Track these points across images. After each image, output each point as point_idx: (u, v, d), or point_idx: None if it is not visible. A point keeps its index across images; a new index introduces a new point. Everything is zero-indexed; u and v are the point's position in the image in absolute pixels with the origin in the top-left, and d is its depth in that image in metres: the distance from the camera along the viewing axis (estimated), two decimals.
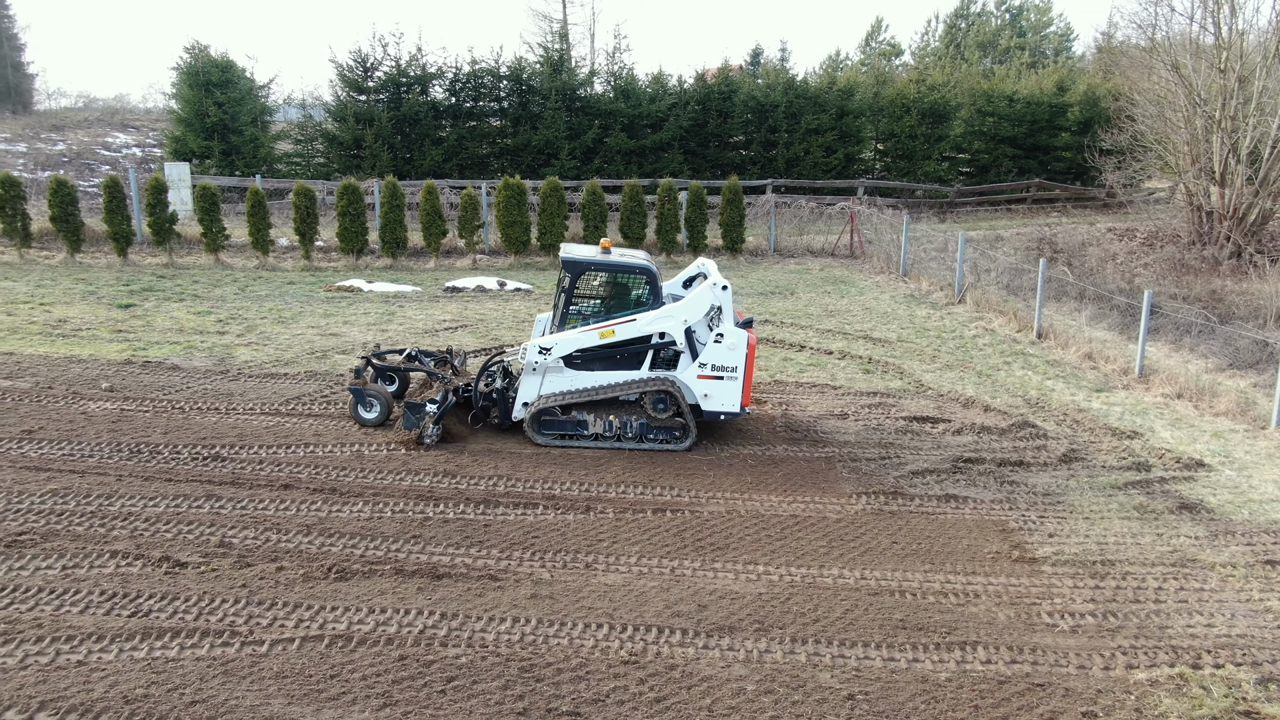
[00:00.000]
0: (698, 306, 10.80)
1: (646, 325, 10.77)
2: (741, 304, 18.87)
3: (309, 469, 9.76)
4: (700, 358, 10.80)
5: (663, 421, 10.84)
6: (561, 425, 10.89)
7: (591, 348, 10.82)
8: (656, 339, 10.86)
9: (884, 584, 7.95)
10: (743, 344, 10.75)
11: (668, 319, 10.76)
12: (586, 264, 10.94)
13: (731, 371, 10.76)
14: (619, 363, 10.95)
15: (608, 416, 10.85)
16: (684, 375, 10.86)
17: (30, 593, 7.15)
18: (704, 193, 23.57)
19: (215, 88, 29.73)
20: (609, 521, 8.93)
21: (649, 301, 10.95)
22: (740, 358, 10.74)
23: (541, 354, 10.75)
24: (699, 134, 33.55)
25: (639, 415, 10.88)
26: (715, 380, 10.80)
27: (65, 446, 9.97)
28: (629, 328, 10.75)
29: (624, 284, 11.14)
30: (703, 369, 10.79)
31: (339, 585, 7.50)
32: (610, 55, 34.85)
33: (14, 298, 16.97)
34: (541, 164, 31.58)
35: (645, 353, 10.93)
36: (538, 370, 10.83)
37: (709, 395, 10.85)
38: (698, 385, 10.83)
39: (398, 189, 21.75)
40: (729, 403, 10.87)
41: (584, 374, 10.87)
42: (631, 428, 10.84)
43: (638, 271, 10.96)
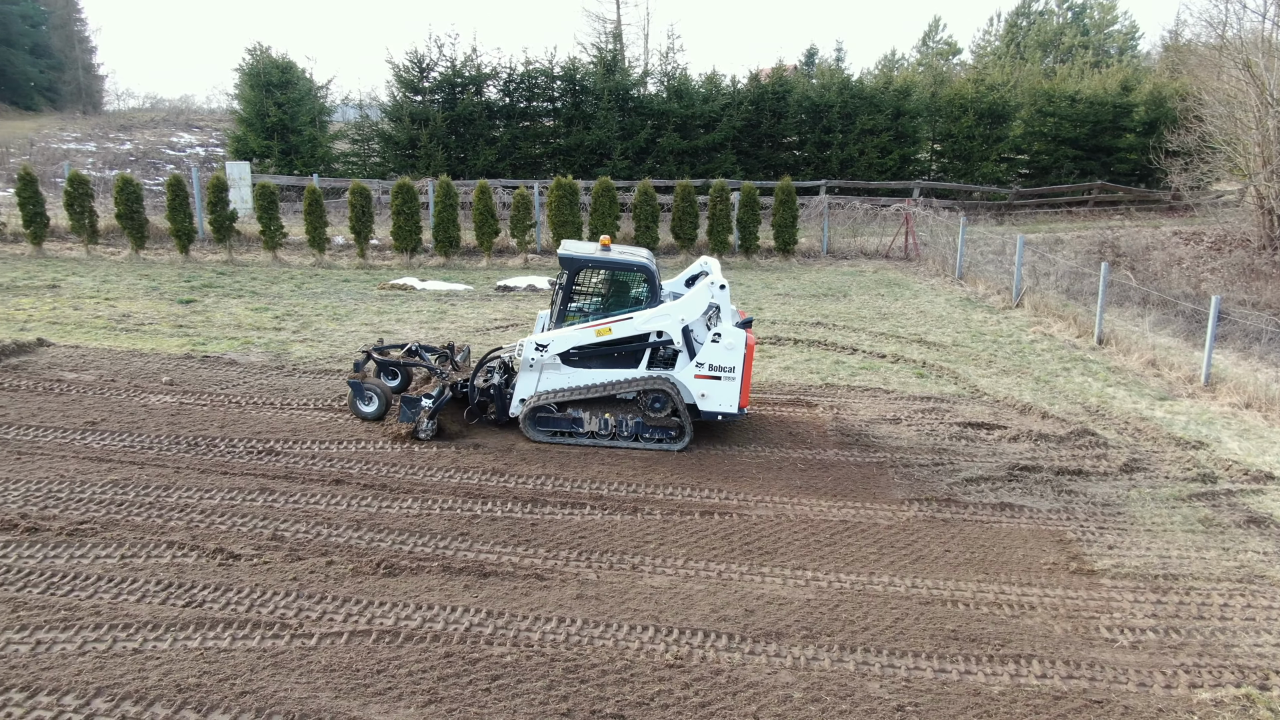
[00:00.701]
0: (695, 305, 10.70)
1: (643, 324, 10.70)
2: (793, 306, 18.71)
3: (360, 465, 9.86)
4: (698, 357, 10.71)
5: (659, 421, 10.74)
6: (557, 423, 10.85)
7: (588, 345, 10.78)
8: (654, 337, 10.79)
9: (936, 593, 7.79)
10: (741, 344, 10.63)
11: (665, 318, 10.68)
12: (584, 261, 10.89)
13: (729, 372, 10.65)
14: (616, 361, 10.89)
15: (603, 414, 10.79)
16: (681, 375, 10.76)
17: (90, 581, 7.31)
18: (756, 193, 23.41)
19: (276, 88, 30.30)
20: (656, 523, 8.88)
21: (647, 300, 10.88)
22: (738, 358, 10.63)
23: (538, 351, 10.73)
24: (752, 134, 33.36)
25: (635, 414, 10.81)
26: (713, 380, 10.69)
27: (126, 438, 10.20)
28: (626, 326, 10.69)
29: (623, 282, 11.09)
30: (700, 368, 10.69)
31: (387, 581, 7.56)
32: (664, 55, 34.84)
33: (81, 292, 17.44)
34: (594, 164, 31.66)
35: (642, 351, 10.86)
36: (534, 367, 10.79)
37: (706, 395, 10.74)
38: (695, 385, 10.72)
39: (451, 188, 21.94)
40: (726, 403, 10.75)
41: (581, 371, 10.81)
42: (627, 426, 10.78)
43: (635, 269, 10.88)
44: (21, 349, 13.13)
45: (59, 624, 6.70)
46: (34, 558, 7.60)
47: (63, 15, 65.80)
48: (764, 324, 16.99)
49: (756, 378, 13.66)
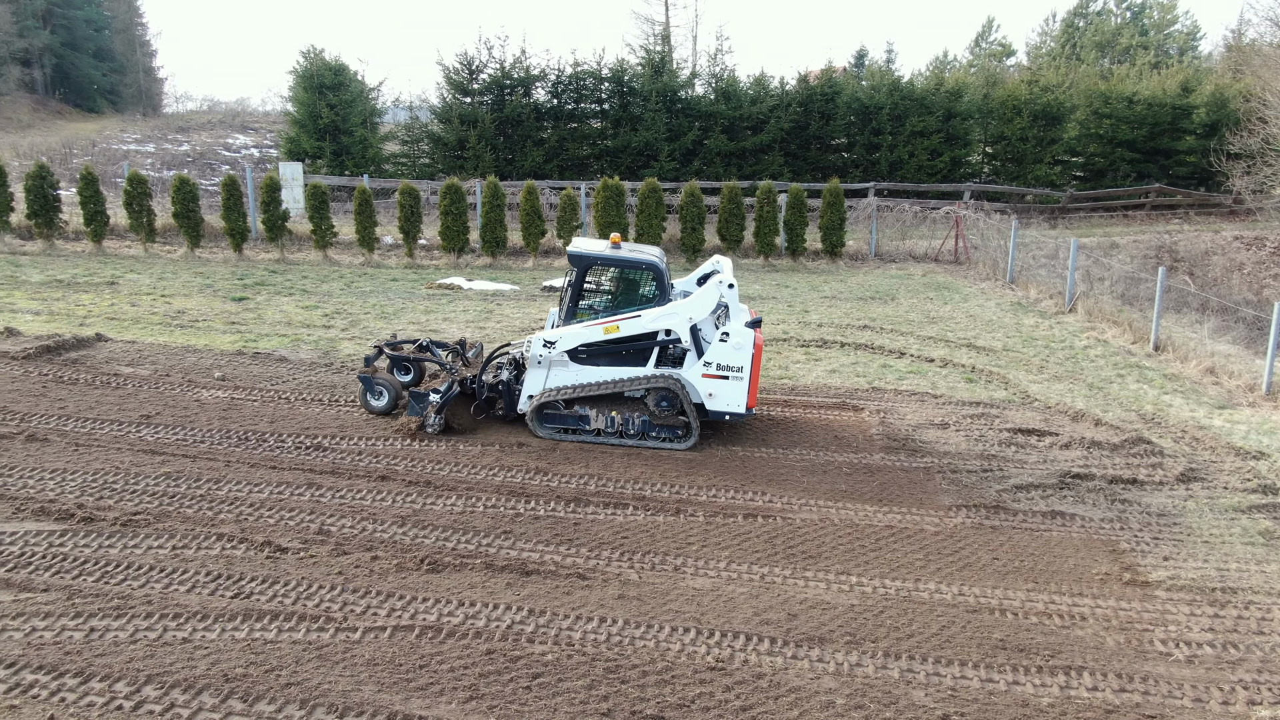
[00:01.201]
0: (704, 304, 10.62)
1: (651, 322, 10.64)
2: (840, 309, 18.54)
3: (405, 461, 9.95)
4: (705, 356, 10.64)
5: (665, 419, 10.73)
6: (564, 419, 10.87)
7: (596, 343, 10.75)
8: (662, 336, 10.73)
9: (983, 601, 7.65)
10: (749, 344, 10.56)
11: (672, 316, 10.61)
12: (592, 259, 10.86)
13: (737, 371, 10.58)
14: (624, 359, 10.86)
15: (610, 412, 10.77)
16: (689, 374, 10.69)
17: (142, 570, 7.46)
18: (804, 195, 23.26)
19: (328, 90, 30.77)
20: (699, 525, 8.84)
21: (655, 298, 10.85)
22: (746, 358, 10.56)
23: (546, 348, 10.73)
24: (800, 136, 33.15)
25: (642, 412, 10.78)
26: (720, 380, 10.62)
27: (179, 432, 10.40)
28: (633, 324, 10.65)
29: (633, 280, 11.09)
30: (708, 368, 10.63)
31: (430, 577, 7.61)
32: (712, 57, 34.77)
33: (138, 289, 17.84)
34: (641, 165, 31.69)
35: (651, 349, 10.80)
36: (543, 364, 10.79)
37: (714, 395, 10.67)
38: (703, 384, 10.66)
39: (499, 189, 22.09)
40: (734, 403, 10.67)
41: (589, 369, 10.79)
42: (634, 424, 10.76)
43: (644, 267, 10.85)
44: (81, 343, 13.46)
45: (112, 612, 6.84)
46: (89, 547, 7.77)
47: (125, 20, 67.51)
48: (810, 326, 16.86)
49: (801, 380, 13.55)
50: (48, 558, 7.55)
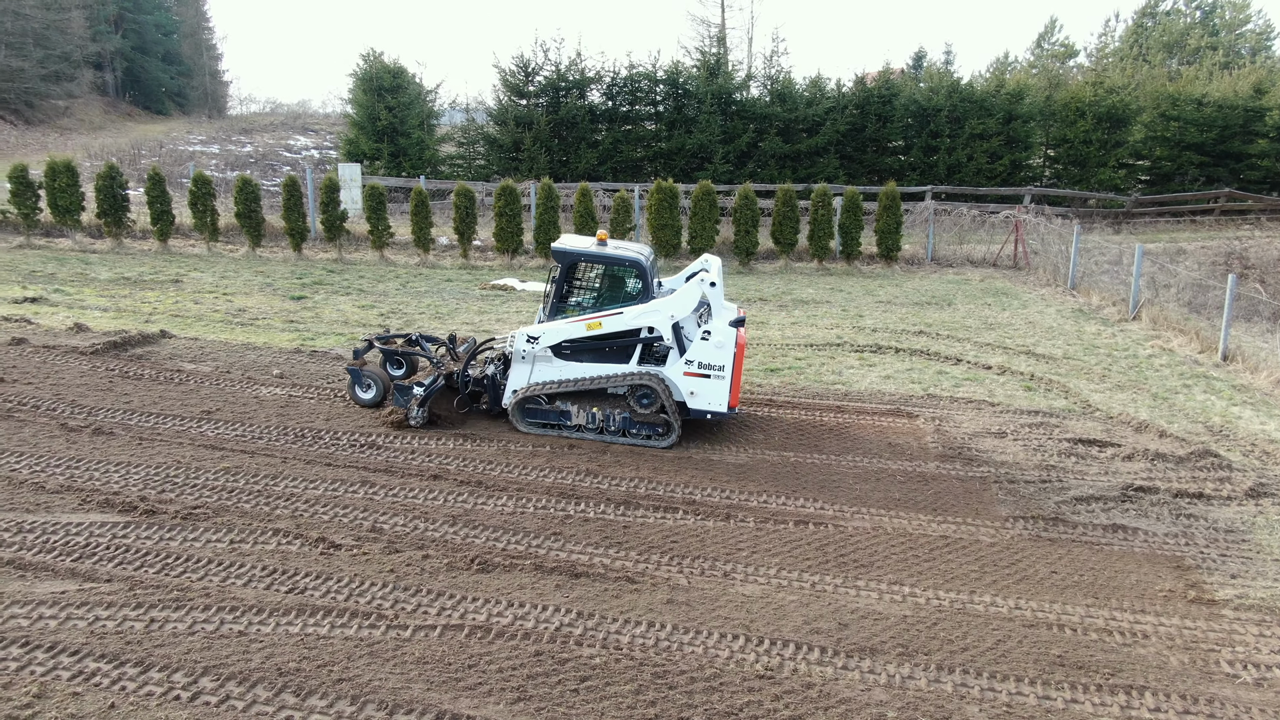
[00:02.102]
0: (686, 302, 10.60)
1: (633, 319, 10.65)
2: (895, 314, 18.29)
3: (457, 461, 10.02)
4: (687, 355, 10.64)
5: (646, 417, 10.74)
6: (545, 414, 10.94)
7: (579, 339, 10.79)
8: (645, 333, 10.72)
9: (1041, 616, 7.46)
10: (730, 343, 10.54)
11: (654, 313, 10.61)
12: (577, 255, 10.90)
13: (719, 370, 10.58)
14: (608, 355, 10.89)
15: (591, 408, 10.83)
16: (671, 371, 10.70)
17: (201, 563, 7.61)
18: (860, 198, 23.00)
19: (387, 92, 31.22)
20: (749, 531, 8.77)
21: (639, 295, 10.84)
22: (728, 356, 10.55)
23: (529, 343, 10.81)
24: (856, 138, 32.82)
25: (623, 409, 10.81)
26: (702, 378, 10.63)
27: (238, 428, 10.61)
28: (615, 320, 10.67)
29: (619, 277, 11.10)
30: (689, 366, 10.64)
31: (480, 577, 7.65)
32: (768, 59, 34.56)
33: (201, 287, 18.26)
34: (695, 167, 31.64)
35: (634, 346, 10.81)
36: (527, 359, 10.89)
37: (695, 393, 10.68)
38: (684, 383, 10.67)
39: (553, 191, 22.20)
40: (716, 402, 10.66)
41: (573, 365, 10.86)
42: (614, 421, 10.81)
43: (627, 264, 10.85)
44: (146, 340, 13.81)
45: (171, 603, 6.99)
46: (150, 539, 7.95)
47: (192, 24, 69.26)
48: (864, 331, 16.66)
49: (855, 386, 13.39)
50: (111, 549, 7.74)
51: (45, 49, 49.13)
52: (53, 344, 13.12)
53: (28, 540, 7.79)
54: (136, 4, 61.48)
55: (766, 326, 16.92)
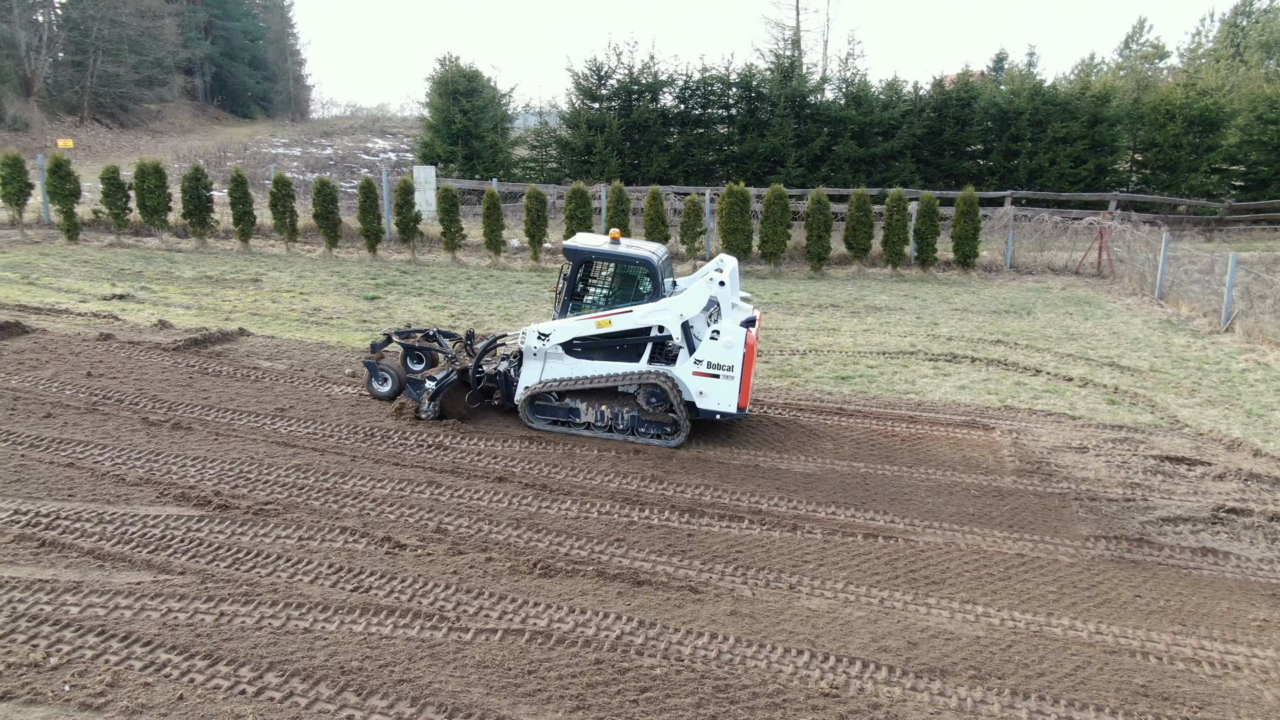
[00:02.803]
0: (695, 301, 10.56)
1: (642, 317, 10.64)
2: (971, 322, 17.82)
3: (523, 464, 10.03)
4: (696, 354, 10.59)
5: (655, 416, 10.76)
6: (555, 411, 11.02)
7: (589, 336, 10.81)
8: (656, 332, 10.70)
9: (1123, 642, 7.12)
10: (740, 342, 10.44)
11: (664, 312, 10.60)
12: (588, 253, 10.91)
13: (728, 370, 10.50)
14: (619, 353, 10.89)
15: (600, 406, 10.89)
16: (680, 371, 10.65)
17: (270, 559, 7.72)
18: (936, 203, 22.48)
19: (461, 96, 31.63)
20: (816, 542, 8.57)
21: (649, 294, 10.82)
22: (737, 356, 10.45)
23: (540, 339, 10.88)
24: (933, 142, 32.16)
25: (631, 407, 10.82)
26: (711, 378, 10.55)
27: (310, 425, 10.78)
28: (625, 319, 10.68)
29: (631, 275, 11.06)
30: (698, 365, 10.57)
31: (543, 581, 7.61)
32: (843, 61, 34.14)
33: (279, 286, 18.69)
34: (767, 171, 31.36)
35: (644, 345, 10.79)
36: (538, 355, 10.97)
37: (704, 393, 10.60)
38: (693, 382, 10.60)
39: (624, 194, 22.19)
40: (725, 402, 10.58)
41: (584, 362, 10.89)
42: (623, 419, 10.86)
43: (638, 263, 10.83)
44: (225, 337, 14.16)
45: (241, 598, 7.10)
46: (223, 533, 8.11)
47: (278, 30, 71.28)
48: (939, 340, 16.25)
49: (929, 396, 13.05)
50: (185, 542, 7.91)
51: (139, 55, 51.06)
52: (138, 340, 13.53)
53: (107, 531, 8.00)
54: (225, 11, 63.54)
55: (838, 333, 16.63)
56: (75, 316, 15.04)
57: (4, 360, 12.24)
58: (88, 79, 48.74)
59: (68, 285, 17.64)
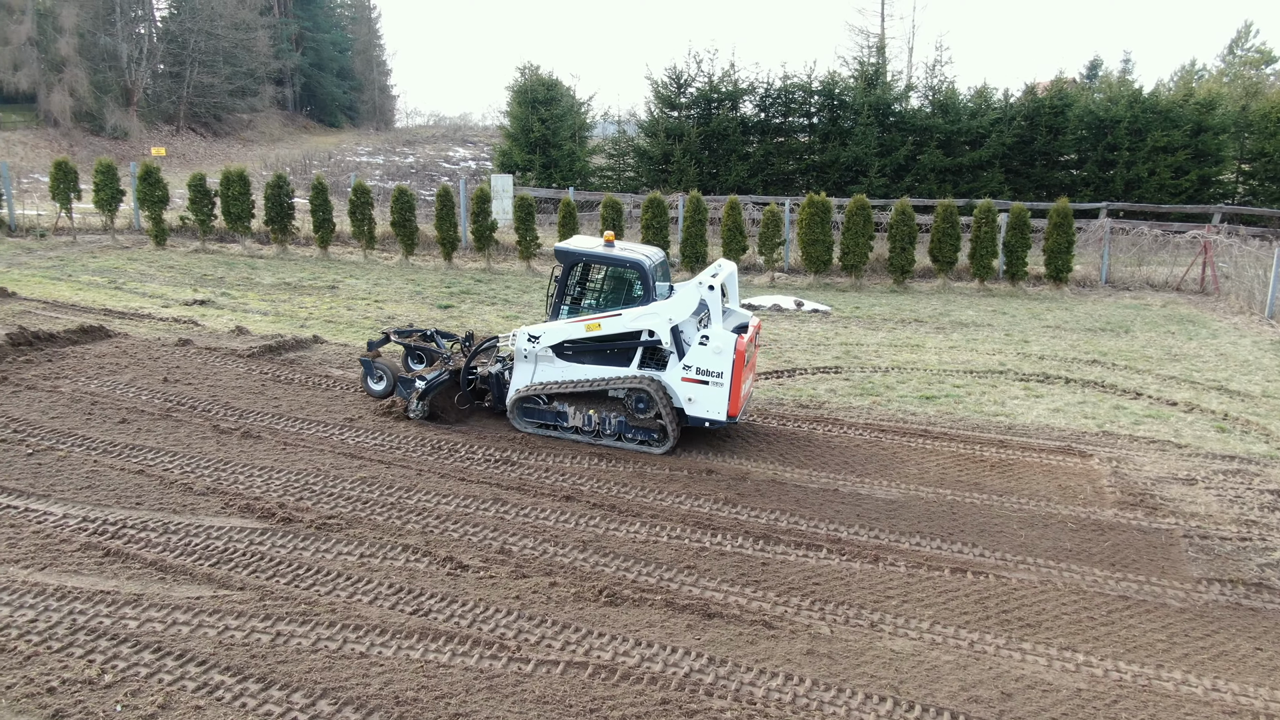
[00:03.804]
0: (684, 306, 10.33)
1: (631, 321, 10.46)
2: (1065, 341, 16.94)
3: (591, 482, 9.69)
4: (685, 360, 10.38)
5: (642, 422, 10.53)
6: (543, 414, 10.93)
7: (578, 339, 10.69)
8: (646, 337, 10.49)
9: (1244, 702, 6.44)
10: (729, 349, 10.19)
11: (652, 316, 10.39)
12: (578, 255, 10.77)
13: (717, 377, 10.27)
14: (609, 358, 10.74)
15: (588, 410, 10.75)
16: (669, 377, 10.46)
17: (330, 577, 7.52)
18: (1027, 215, 21.55)
19: (540, 104, 31.67)
20: (899, 576, 8.03)
21: (640, 298, 10.59)
22: (726, 363, 10.21)
23: (530, 342, 10.80)
24: (1024, 151, 31.02)
25: (619, 412, 10.64)
26: (700, 385, 10.36)
27: (378, 437, 10.64)
28: (614, 322, 10.51)
29: (620, 279, 10.89)
30: (687, 371, 10.37)
31: (608, 610, 7.24)
32: (930, 69, 33.17)
33: (355, 293, 18.78)
34: (848, 181, 30.64)
35: (634, 349, 10.61)
36: (529, 358, 10.88)
37: (693, 400, 10.40)
38: (682, 389, 10.41)
39: (701, 203, 21.81)
40: (714, 410, 10.35)
41: (574, 366, 10.78)
42: (610, 424, 10.69)
43: (628, 266, 10.61)
44: (299, 344, 14.19)
45: (298, 617, 6.89)
46: (285, 548, 7.94)
47: (365, 42, 72.85)
48: (1030, 359, 15.45)
49: (1020, 419, 12.34)
50: (247, 555, 7.77)
51: (233, 66, 52.65)
52: (214, 346, 13.63)
53: (171, 542, 7.91)
54: (316, 23, 65.20)
55: (922, 350, 15.95)
56: (157, 321, 15.29)
57: (85, 364, 12.42)
58: (184, 89, 50.43)
59: (152, 290, 18.00)
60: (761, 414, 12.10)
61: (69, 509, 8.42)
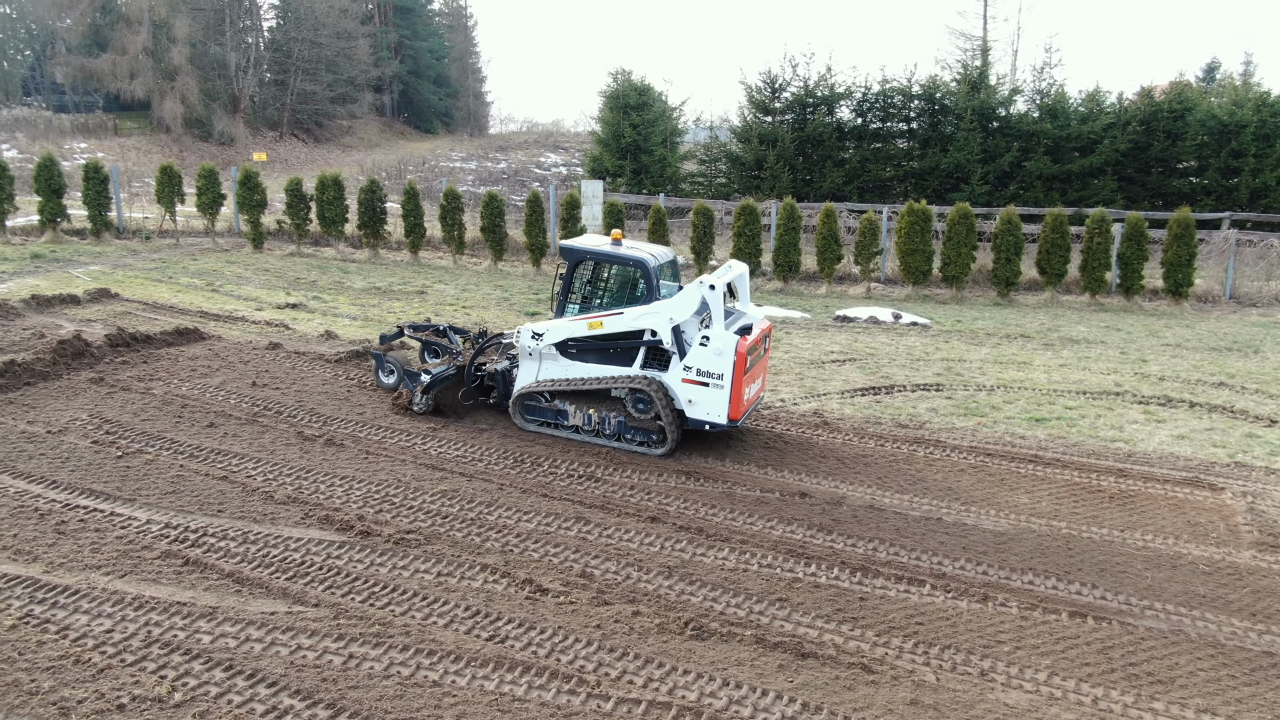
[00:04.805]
0: (685, 306, 10.16)
1: (633, 320, 10.34)
2: (1187, 361, 15.79)
3: (678, 502, 9.25)
4: (685, 360, 10.19)
5: (642, 423, 10.40)
6: (544, 412, 10.90)
7: (581, 338, 10.60)
8: (649, 336, 10.34)
9: None
10: (730, 350, 9.95)
11: (653, 316, 10.25)
12: (582, 253, 10.71)
13: (717, 379, 10.04)
14: (612, 356, 10.63)
15: (588, 409, 10.67)
16: (670, 378, 10.29)
17: (406, 595, 7.25)
18: (1145, 225, 20.27)
19: (632, 110, 31.43)
20: (1011, 619, 7.37)
21: (644, 296, 10.41)
22: (727, 365, 9.96)
23: (534, 339, 10.73)
24: (1139, 158, 29.42)
25: (619, 412, 10.53)
26: (700, 386, 10.15)
27: (461, 448, 10.40)
28: (616, 321, 10.40)
29: (624, 277, 10.82)
30: (687, 373, 10.17)
31: (694, 644, 6.79)
32: (1038, 71, 31.77)
33: (443, 299, 18.74)
34: (949, 189, 29.55)
35: (637, 349, 10.48)
36: (534, 356, 10.82)
37: (693, 402, 10.21)
38: (683, 390, 10.23)
39: (795, 210, 21.19)
40: (714, 412, 10.13)
41: (578, 364, 10.70)
42: (610, 424, 10.58)
43: (631, 264, 10.52)
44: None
45: (371, 639, 6.63)
46: (361, 563, 7.72)
47: (461, 49, 74.03)
48: (1148, 380, 14.42)
49: (1141, 446, 11.43)
50: (323, 570, 7.57)
51: (334, 74, 53.98)
52: (304, 350, 13.65)
53: (250, 553, 7.77)
54: (414, 32, 66.50)
55: (1030, 368, 15.05)
56: (249, 324, 15.44)
57: (179, 366, 12.54)
58: (288, 97, 51.93)
59: (247, 293, 18.27)
60: (858, 433, 11.48)
61: (153, 514, 8.37)
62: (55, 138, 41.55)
